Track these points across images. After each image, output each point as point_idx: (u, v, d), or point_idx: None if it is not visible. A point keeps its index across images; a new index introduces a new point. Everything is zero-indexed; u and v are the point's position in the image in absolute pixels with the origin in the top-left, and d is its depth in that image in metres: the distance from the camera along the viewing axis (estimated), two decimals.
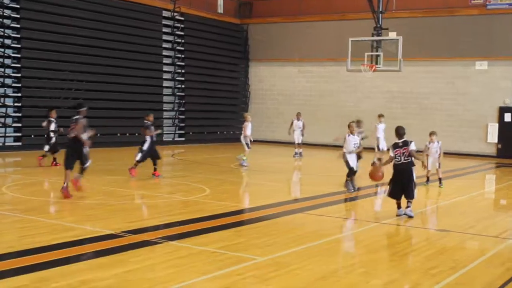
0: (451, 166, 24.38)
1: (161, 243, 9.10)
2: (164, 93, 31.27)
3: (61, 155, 15.15)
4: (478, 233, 10.92)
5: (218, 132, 34.70)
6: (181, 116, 32.26)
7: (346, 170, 15.42)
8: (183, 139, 32.18)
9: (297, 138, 25.33)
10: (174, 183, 16.85)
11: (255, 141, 32.28)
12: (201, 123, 33.31)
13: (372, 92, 32.36)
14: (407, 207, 12.00)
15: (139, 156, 17.26)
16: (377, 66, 24.35)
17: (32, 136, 24.91)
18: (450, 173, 21.93)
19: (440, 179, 17.24)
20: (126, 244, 8.98)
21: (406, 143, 12.53)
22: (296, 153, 25.21)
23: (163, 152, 26.45)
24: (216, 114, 34.18)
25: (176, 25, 31.84)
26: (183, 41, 32.18)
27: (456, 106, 30.47)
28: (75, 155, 13.25)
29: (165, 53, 31.34)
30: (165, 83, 31.42)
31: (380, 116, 23.12)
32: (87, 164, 13.36)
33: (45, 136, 19.24)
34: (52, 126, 19.09)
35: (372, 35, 24.96)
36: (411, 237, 10.40)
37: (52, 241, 8.92)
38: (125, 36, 28.61)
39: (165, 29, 31.41)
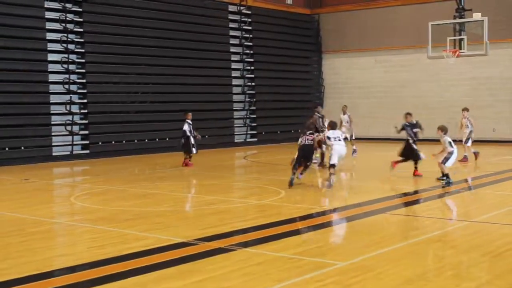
0: None
1: (235, 250, 9.17)
2: (233, 91, 31.53)
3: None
4: None
5: (292, 131, 34.60)
6: (252, 116, 32.44)
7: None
8: (255, 139, 32.34)
9: (344, 133, 24.07)
10: (247, 187, 16.95)
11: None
12: (274, 122, 33.38)
13: (457, 80, 31.64)
14: None
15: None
16: (460, 51, 23.86)
17: (100, 143, 25.58)
18: None
19: None
20: (199, 252, 9.06)
21: None
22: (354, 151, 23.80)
23: (234, 154, 26.76)
24: (289, 112, 34.17)
25: (243, 19, 32.06)
26: (251, 36, 32.37)
27: None
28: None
29: (233, 49, 31.60)
30: (234, 81, 31.68)
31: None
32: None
33: (183, 139, 20.96)
34: (186, 127, 20.89)
35: (454, 17, 24.48)
36: (506, 235, 10.11)
37: (123, 251, 9.11)
38: (190, 34, 29.00)
39: (232, 25, 31.66)
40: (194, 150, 21.10)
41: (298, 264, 8.37)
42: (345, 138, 20.37)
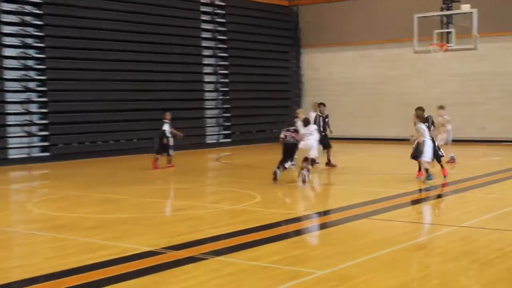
0: None
1: (206, 259, 9.16)
2: (205, 89, 31.49)
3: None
4: None
5: (269, 131, 34.72)
6: (225, 115, 32.45)
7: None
8: (229, 140, 32.35)
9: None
10: (220, 191, 16.95)
11: None
12: (249, 121, 33.41)
13: (444, 76, 31.91)
14: None
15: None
16: (448, 45, 24.05)
17: (61, 145, 25.43)
18: None
19: None
20: (167, 262, 9.05)
21: None
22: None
23: (207, 156, 26.74)
24: (265, 111, 34.22)
25: (216, 11, 32.05)
26: (225, 29, 32.37)
27: None
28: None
29: (205, 44, 31.57)
30: (207, 78, 31.64)
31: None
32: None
33: (161, 139, 21.31)
34: (167, 128, 21.30)
35: (441, 9, 24.64)
36: (495, 242, 10.22)
37: (85, 261, 9.06)
38: (158, 27, 28.91)
39: (204, 17, 31.63)
40: (171, 151, 21.36)
41: (274, 273, 8.39)
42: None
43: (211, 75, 31.87)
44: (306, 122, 17.97)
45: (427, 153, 16.53)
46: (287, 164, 17.45)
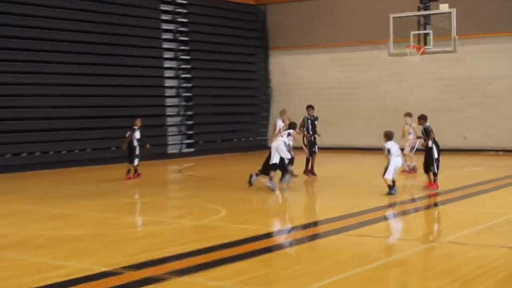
0: None
1: (168, 279, 9.11)
2: (166, 94, 31.40)
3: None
4: None
5: (235, 140, 34.76)
6: (188, 122, 32.37)
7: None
8: (192, 150, 32.27)
9: None
10: (182, 205, 16.89)
11: None
12: (214, 130, 33.38)
13: (422, 80, 32.19)
14: None
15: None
16: (426, 47, 24.22)
17: (8, 155, 25.16)
18: None
19: None
20: (126, 283, 9.00)
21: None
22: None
23: (168, 167, 26.64)
24: (231, 118, 34.23)
25: (178, 10, 32.00)
26: (187, 30, 32.32)
27: None
28: None
29: (166, 45, 31.48)
30: (168, 83, 31.56)
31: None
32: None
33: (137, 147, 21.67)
34: (138, 135, 21.76)
35: (419, 9, 24.83)
36: (477, 259, 10.30)
37: (35, 283, 8.95)
38: (114, 27, 28.75)
39: (164, 16, 31.55)
40: (136, 161, 21.57)
41: None
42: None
43: (172, 79, 31.78)
44: (292, 127, 19.02)
45: (390, 172, 16.96)
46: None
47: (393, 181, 16.94)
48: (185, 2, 32.22)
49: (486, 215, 14.21)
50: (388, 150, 16.93)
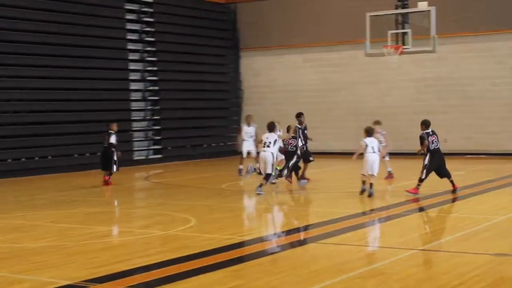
0: (508, 171, 24.45)
1: None
2: (132, 98, 31.30)
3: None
4: None
5: (205, 145, 34.72)
6: (155, 127, 32.28)
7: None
8: (159, 156, 32.19)
9: (248, 148, 24.13)
10: (149, 214, 16.82)
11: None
12: (182, 135, 33.32)
13: (400, 81, 32.42)
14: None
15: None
16: (404, 47, 24.36)
17: None
18: (507, 179, 22.00)
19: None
20: None
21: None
22: (249, 170, 23.41)
23: (134, 175, 26.53)
24: (201, 122, 34.20)
25: (143, 9, 31.92)
26: (153, 30, 32.25)
27: (511, 92, 30.50)
28: None
29: (131, 46, 31.40)
30: (133, 85, 31.47)
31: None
32: None
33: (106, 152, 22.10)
34: (114, 140, 22.11)
35: (396, 7, 24.97)
36: (458, 266, 10.36)
37: None
38: (76, 28, 28.64)
39: (129, 16, 31.47)
40: (115, 168, 22.02)
41: None
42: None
43: (138, 82, 31.69)
44: (270, 128, 19.41)
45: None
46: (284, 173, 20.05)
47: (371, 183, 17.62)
48: (151, 1, 32.15)
49: (467, 221, 14.31)
50: (367, 146, 17.54)
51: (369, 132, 18.09)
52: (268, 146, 18.80)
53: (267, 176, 18.82)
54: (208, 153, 34.22)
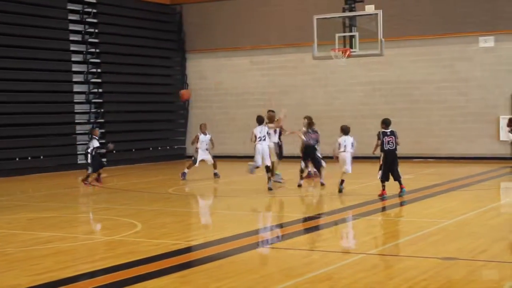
0: (456, 174, 24.74)
1: None
2: (75, 100, 31.01)
3: None
4: (492, 259, 11.08)
5: (151, 148, 34.56)
6: (100, 131, 31.96)
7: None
8: (104, 160, 31.88)
9: (202, 157, 24.30)
10: (94, 219, 16.70)
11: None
12: (127, 138, 33.10)
13: (348, 85, 32.65)
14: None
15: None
16: (352, 50, 24.53)
17: None
18: (455, 183, 22.28)
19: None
20: None
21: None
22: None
23: (77, 179, 26.28)
24: (147, 125, 34.05)
25: (86, 9, 31.66)
26: (96, 31, 32.00)
27: (457, 96, 30.96)
28: None
29: (73, 47, 31.10)
30: (76, 88, 31.17)
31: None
32: None
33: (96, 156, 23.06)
34: (96, 144, 23.12)
35: (344, 10, 25.12)
36: (406, 270, 10.48)
37: None
38: (16, 28, 28.31)
39: (72, 16, 31.19)
40: (90, 169, 23.11)
41: None
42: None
43: (81, 84, 31.40)
44: (259, 121, 20.99)
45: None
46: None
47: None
48: (94, 1, 31.91)
49: (415, 224, 14.47)
50: (339, 145, 18.73)
51: (345, 131, 19.24)
52: (264, 140, 20.27)
53: (268, 168, 20.19)
54: (153, 156, 34.06)
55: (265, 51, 34.34)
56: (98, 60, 32.02)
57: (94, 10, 31.93)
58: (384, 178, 18.19)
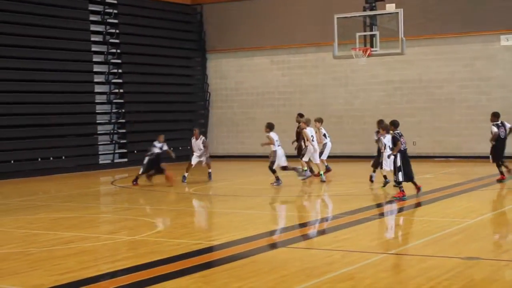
0: (477, 173, 24.60)
1: None
2: (97, 101, 31.12)
3: None
4: None
5: (171, 148, 34.49)
6: (121, 131, 32.11)
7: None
8: (125, 160, 32.01)
9: (195, 160, 24.64)
10: (115, 219, 16.75)
11: (217, 156, 32.34)
12: (148, 138, 32.95)
13: (368, 84, 32.54)
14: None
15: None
16: (372, 49, 24.46)
17: None
18: (476, 182, 22.16)
19: None
20: None
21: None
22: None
23: (99, 179, 26.42)
24: (167, 125, 34.04)
25: (107, 10, 31.76)
26: (117, 31, 32.09)
27: (478, 95, 30.80)
28: None
29: (95, 48, 31.21)
30: (98, 88, 31.28)
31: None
32: None
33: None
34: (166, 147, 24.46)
35: (364, 9, 25.06)
36: (428, 270, 10.44)
37: None
38: (39, 29, 28.43)
39: (93, 17, 31.29)
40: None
41: None
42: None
43: (102, 85, 31.51)
44: (271, 127, 22.72)
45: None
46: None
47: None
48: (115, 2, 31.99)
49: (437, 224, 14.40)
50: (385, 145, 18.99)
51: (387, 129, 19.15)
52: (279, 145, 22.10)
53: (285, 168, 22.08)
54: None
55: (285, 50, 34.30)
56: (119, 61, 32.11)
57: (115, 11, 32.01)
58: (406, 179, 17.96)
